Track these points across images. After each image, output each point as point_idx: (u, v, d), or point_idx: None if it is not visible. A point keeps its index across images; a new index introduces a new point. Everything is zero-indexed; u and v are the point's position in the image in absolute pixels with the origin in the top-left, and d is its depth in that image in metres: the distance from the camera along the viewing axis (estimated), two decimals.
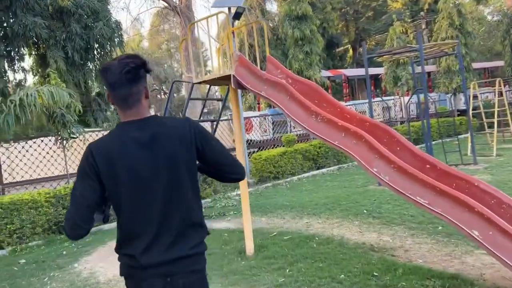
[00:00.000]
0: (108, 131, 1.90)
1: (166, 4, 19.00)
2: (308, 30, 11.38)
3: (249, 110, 20.37)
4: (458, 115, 16.59)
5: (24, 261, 6.00)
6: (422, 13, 26.03)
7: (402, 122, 16.00)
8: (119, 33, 14.75)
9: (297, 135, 12.41)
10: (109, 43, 13.95)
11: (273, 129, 13.57)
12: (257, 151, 12.33)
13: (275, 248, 5.33)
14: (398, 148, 3.99)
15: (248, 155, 11.10)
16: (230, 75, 4.91)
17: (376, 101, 15.11)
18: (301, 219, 6.82)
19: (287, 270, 4.56)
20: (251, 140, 12.65)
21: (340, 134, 4.03)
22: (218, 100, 7.32)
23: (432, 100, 12.62)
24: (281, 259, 4.92)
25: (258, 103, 17.73)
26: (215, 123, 8.09)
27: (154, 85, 40.01)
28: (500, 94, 12.51)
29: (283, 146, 11.83)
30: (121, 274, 1.82)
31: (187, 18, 18.20)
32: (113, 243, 2.36)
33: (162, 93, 42.65)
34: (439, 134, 12.60)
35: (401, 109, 16.80)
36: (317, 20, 12.84)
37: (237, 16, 9.66)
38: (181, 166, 1.78)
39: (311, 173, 11.33)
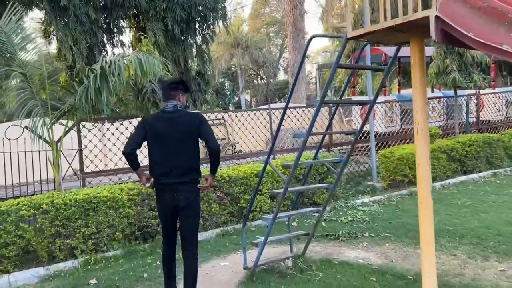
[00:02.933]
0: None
1: None
2: None
3: (360, 95, 17.64)
4: None
5: (95, 281, 4.51)
6: None
7: None
8: (223, 4, 13.12)
9: (439, 126, 9.67)
10: (212, 14, 12.36)
11: (401, 118, 10.90)
12: (380, 146, 9.89)
13: None
14: None
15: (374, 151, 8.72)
16: (423, 20, 2.68)
17: None
18: (486, 260, 4.41)
19: None
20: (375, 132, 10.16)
21: None
22: (376, 70, 4.58)
23: None
24: None
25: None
26: (366, 107, 5.87)
27: (251, 70, 38.82)
28: None
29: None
30: (152, 188, 3.66)
31: None
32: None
33: (258, 78, 41.53)
34: None
35: None
36: None
37: None
38: (188, 135, 3.52)
39: (458, 179, 8.59)
